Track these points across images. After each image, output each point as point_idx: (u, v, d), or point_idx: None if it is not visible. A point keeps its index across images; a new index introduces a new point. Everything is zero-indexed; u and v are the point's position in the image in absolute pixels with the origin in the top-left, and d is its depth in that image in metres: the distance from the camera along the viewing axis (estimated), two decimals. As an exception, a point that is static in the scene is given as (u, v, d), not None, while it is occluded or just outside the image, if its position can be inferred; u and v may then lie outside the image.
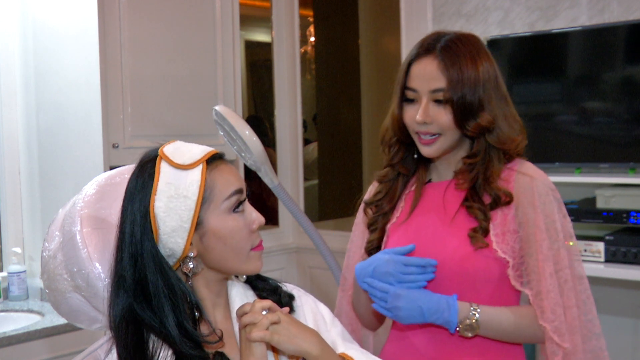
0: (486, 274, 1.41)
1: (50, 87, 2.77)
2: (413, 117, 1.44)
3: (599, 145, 2.56)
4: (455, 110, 1.41)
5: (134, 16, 2.78)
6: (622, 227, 2.49)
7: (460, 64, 1.41)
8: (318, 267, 3.51)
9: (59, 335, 2.48)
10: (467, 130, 1.42)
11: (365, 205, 1.62)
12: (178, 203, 1.10)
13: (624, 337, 2.62)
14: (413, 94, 1.45)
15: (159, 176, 1.11)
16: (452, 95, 1.40)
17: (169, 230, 1.10)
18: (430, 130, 1.43)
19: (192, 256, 1.12)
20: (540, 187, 1.43)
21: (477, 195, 1.44)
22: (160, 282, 1.10)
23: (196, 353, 1.08)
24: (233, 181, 1.14)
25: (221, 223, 1.12)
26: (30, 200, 2.88)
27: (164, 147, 1.15)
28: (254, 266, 1.16)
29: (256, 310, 1.09)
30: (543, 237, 1.40)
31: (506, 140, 1.44)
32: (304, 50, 4.38)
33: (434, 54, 1.43)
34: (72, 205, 1.29)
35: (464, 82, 1.41)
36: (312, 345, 1.11)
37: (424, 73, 1.43)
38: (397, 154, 1.56)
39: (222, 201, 1.12)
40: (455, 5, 2.99)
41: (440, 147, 1.45)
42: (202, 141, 1.23)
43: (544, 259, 1.39)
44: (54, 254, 1.28)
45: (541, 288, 1.39)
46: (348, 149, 4.69)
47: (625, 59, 2.53)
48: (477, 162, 1.45)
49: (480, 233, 1.41)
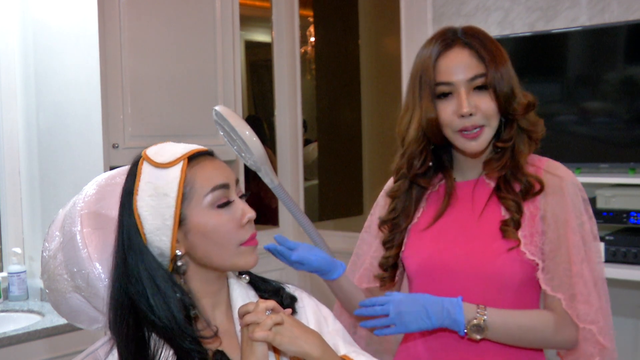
0: (515, 277, 1.36)
1: (50, 87, 2.77)
2: (453, 112, 1.38)
3: (598, 145, 2.55)
4: (498, 94, 1.37)
5: (134, 16, 2.78)
6: (622, 227, 2.49)
7: (488, 47, 1.39)
8: (318, 267, 3.50)
9: (59, 335, 2.48)
10: (513, 111, 1.38)
11: (381, 222, 1.56)
12: (159, 201, 1.11)
13: (624, 337, 2.62)
14: (448, 88, 1.39)
15: (140, 176, 1.13)
16: (494, 78, 1.36)
17: (154, 229, 1.12)
18: (476, 122, 1.38)
19: (180, 254, 1.13)
20: (570, 187, 1.39)
21: (509, 184, 1.40)
22: (150, 282, 1.11)
23: (194, 347, 1.09)
24: (215, 176, 1.13)
25: (204, 219, 1.11)
26: (30, 200, 2.88)
27: (149, 148, 1.17)
28: (244, 261, 1.15)
29: (260, 310, 1.09)
30: (577, 239, 1.36)
31: (534, 122, 1.42)
32: (304, 51, 4.37)
33: (460, 44, 1.39)
34: (72, 206, 1.29)
35: (498, 63, 1.38)
36: (313, 347, 1.11)
37: (457, 64, 1.38)
38: (422, 166, 1.47)
39: (203, 197, 1.11)
40: (455, 5, 2.99)
41: (486, 138, 1.40)
42: (202, 141, 1.23)
43: (579, 261, 1.35)
44: (54, 254, 1.28)
45: (577, 291, 1.34)
46: (348, 149, 4.68)
47: (625, 59, 2.53)
48: (508, 147, 1.41)
49: (513, 225, 1.37)
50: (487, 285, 1.39)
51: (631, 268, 2.35)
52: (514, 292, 1.40)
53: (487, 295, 1.39)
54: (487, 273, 1.39)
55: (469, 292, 1.40)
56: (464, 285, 1.40)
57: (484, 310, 1.34)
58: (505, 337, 1.36)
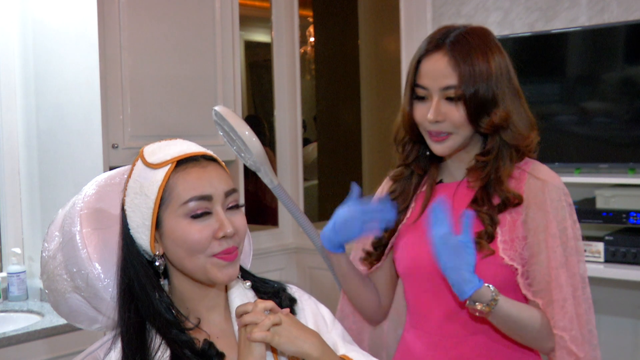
0: (494, 282, 1.35)
1: (50, 88, 2.77)
2: (424, 115, 1.39)
3: (598, 145, 2.56)
4: (468, 107, 1.36)
5: (133, 16, 2.78)
6: (622, 228, 2.49)
7: (471, 58, 1.36)
8: (318, 267, 3.51)
9: (58, 335, 2.48)
10: (480, 127, 1.38)
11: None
12: (141, 200, 1.13)
13: (624, 337, 2.62)
14: (423, 92, 1.40)
15: (132, 173, 1.16)
16: (465, 91, 1.35)
17: (135, 225, 1.14)
18: (442, 128, 1.39)
19: (159, 254, 1.14)
20: (552, 191, 1.38)
21: (487, 196, 1.40)
22: (136, 276, 1.14)
23: (181, 336, 1.11)
24: (197, 187, 1.11)
25: (174, 226, 1.11)
26: (30, 201, 2.88)
27: (148, 145, 1.18)
28: (214, 275, 1.11)
29: (258, 310, 1.09)
30: (556, 244, 1.35)
31: (520, 137, 1.40)
32: (304, 51, 4.38)
33: (444, 50, 1.37)
34: (71, 206, 1.29)
35: (476, 78, 1.35)
36: (312, 346, 1.11)
37: (433, 70, 1.38)
38: (411, 153, 1.51)
39: (178, 205, 1.10)
40: (455, 5, 2.99)
41: (452, 145, 1.41)
42: (202, 142, 1.23)
43: (557, 266, 1.34)
44: (53, 255, 1.28)
45: (554, 297, 1.34)
46: (348, 149, 4.69)
47: (625, 59, 2.53)
48: (489, 160, 1.40)
49: (486, 238, 1.37)
50: None
51: (631, 268, 2.35)
52: None
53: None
54: None
55: (451, 296, 1.40)
56: (446, 290, 1.41)
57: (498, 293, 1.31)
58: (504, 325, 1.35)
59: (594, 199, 2.51)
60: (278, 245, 3.62)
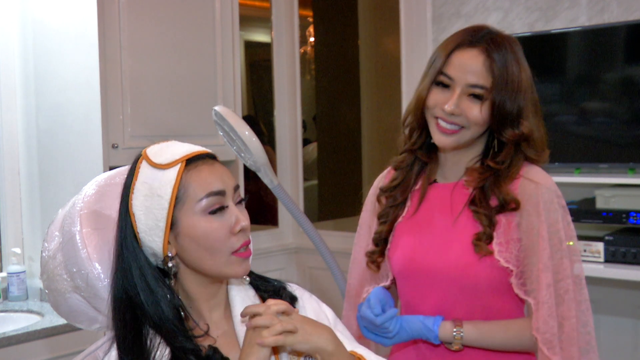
0: (490, 283, 1.37)
1: (50, 88, 2.77)
2: (440, 102, 1.39)
3: (598, 145, 2.56)
4: (493, 113, 1.37)
5: (133, 16, 2.78)
6: (622, 228, 2.49)
7: (507, 67, 1.37)
8: (318, 267, 3.51)
9: (58, 335, 2.47)
10: (502, 136, 1.39)
11: (380, 192, 1.57)
12: (153, 202, 1.11)
13: (624, 337, 2.62)
14: (448, 81, 1.39)
15: (138, 175, 1.13)
16: (495, 97, 1.36)
17: (147, 228, 1.12)
18: (457, 121, 1.39)
19: (171, 255, 1.13)
20: (545, 194, 1.38)
21: (484, 198, 1.41)
22: (142, 280, 1.12)
23: (187, 344, 1.09)
24: (210, 183, 1.12)
25: (194, 224, 1.11)
26: (30, 201, 2.88)
27: (150, 147, 1.17)
28: (233, 271, 1.13)
29: (270, 312, 1.09)
30: (545, 247, 1.36)
31: (537, 152, 1.42)
32: (304, 51, 4.38)
33: (481, 49, 1.38)
34: (71, 206, 1.29)
35: (508, 87, 1.37)
36: (327, 341, 1.11)
37: (466, 65, 1.37)
38: (419, 139, 1.50)
39: (195, 202, 1.11)
40: (455, 5, 2.99)
41: (460, 140, 1.41)
42: (202, 142, 1.23)
43: (543, 268, 1.35)
44: (53, 254, 1.28)
45: (539, 298, 1.35)
46: (348, 149, 4.69)
47: (624, 59, 2.53)
48: (501, 168, 1.41)
49: (484, 240, 1.38)
50: (463, 292, 1.41)
51: (631, 268, 2.35)
52: (492, 297, 1.41)
53: (464, 300, 1.41)
54: (463, 282, 1.41)
55: (446, 297, 1.42)
56: (440, 290, 1.42)
57: (461, 329, 1.38)
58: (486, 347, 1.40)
59: (593, 199, 2.51)
60: (278, 245, 3.62)
